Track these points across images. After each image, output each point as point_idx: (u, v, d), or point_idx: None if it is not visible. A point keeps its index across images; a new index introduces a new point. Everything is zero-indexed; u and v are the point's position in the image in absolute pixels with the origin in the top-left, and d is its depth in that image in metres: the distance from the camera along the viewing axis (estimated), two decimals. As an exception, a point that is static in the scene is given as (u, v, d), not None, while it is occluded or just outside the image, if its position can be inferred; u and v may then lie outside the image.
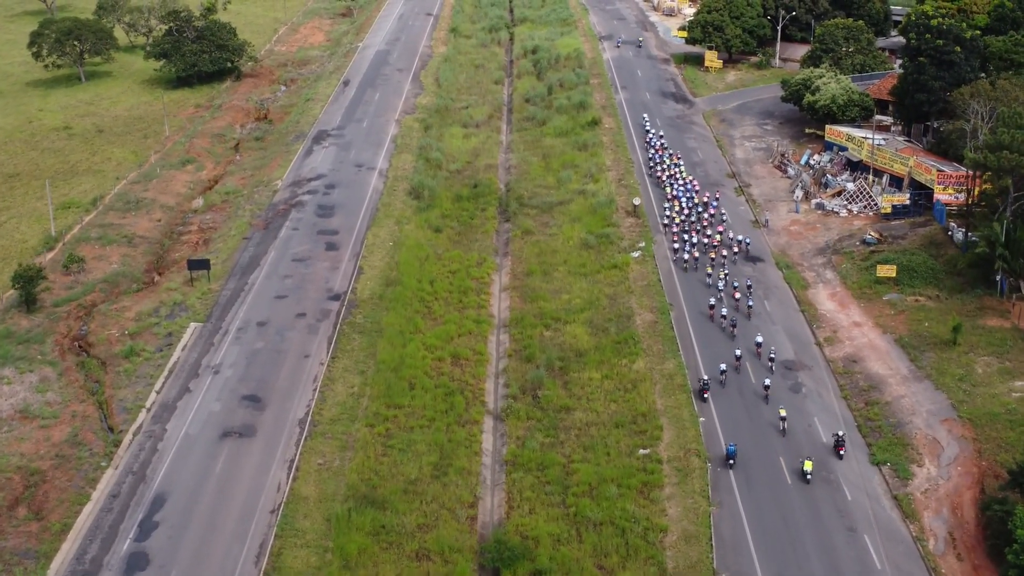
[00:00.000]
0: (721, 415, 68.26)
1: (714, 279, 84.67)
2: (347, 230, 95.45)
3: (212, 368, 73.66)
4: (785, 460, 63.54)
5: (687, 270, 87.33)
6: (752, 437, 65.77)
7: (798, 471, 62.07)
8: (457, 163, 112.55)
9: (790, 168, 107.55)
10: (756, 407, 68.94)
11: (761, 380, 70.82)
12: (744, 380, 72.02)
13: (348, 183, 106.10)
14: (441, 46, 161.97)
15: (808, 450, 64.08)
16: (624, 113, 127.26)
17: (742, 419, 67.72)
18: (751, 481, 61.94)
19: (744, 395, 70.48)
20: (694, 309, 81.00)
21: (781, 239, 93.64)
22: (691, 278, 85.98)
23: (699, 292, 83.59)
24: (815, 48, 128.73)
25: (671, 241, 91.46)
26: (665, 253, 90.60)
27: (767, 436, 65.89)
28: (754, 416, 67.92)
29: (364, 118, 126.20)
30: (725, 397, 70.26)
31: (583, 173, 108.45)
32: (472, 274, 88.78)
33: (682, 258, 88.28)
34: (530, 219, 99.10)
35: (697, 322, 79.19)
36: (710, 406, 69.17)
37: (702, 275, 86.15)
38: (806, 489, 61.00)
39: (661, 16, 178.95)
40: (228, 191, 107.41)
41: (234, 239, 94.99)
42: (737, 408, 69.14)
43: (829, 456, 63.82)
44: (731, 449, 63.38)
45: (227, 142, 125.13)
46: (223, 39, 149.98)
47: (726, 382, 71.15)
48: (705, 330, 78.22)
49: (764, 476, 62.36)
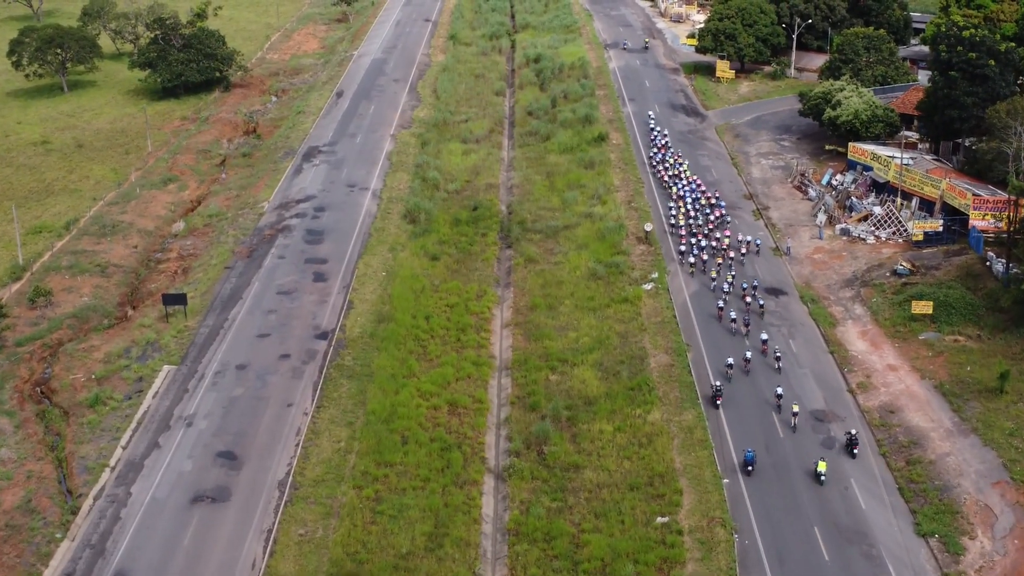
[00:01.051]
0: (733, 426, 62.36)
1: (719, 281, 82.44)
2: (337, 258, 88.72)
3: (185, 419, 66.92)
4: (821, 531, 56.81)
5: (694, 273, 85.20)
6: (780, 492, 59.13)
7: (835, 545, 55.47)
8: (456, 182, 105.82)
9: (811, 189, 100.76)
10: (768, 415, 63.02)
11: (772, 387, 68.54)
12: (755, 386, 69.33)
13: (339, 205, 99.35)
14: (440, 54, 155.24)
15: (847, 519, 57.40)
16: (632, 127, 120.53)
17: (758, 437, 61.49)
18: (784, 558, 55.18)
19: (756, 404, 67.50)
20: (713, 350, 74.20)
21: (804, 269, 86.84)
22: (710, 317, 79.12)
23: (719, 331, 76.75)
24: (834, 58, 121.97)
25: (678, 243, 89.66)
26: (680, 285, 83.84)
27: (794, 482, 59.19)
28: (772, 444, 61.26)
29: (357, 133, 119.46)
30: (736, 407, 67.11)
31: (590, 194, 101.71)
32: (471, 308, 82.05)
33: (688, 261, 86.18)
34: (534, 245, 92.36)
35: (718, 365, 72.36)
36: (721, 418, 65.51)
37: (717, 291, 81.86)
38: (844, 564, 54.27)
39: (668, 22, 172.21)
40: (211, 214, 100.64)
41: (215, 268, 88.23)
42: (751, 421, 65.50)
43: (869, 523, 57.12)
44: (749, 455, 61.25)
45: (212, 158, 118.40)
46: (211, 48, 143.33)
47: (736, 386, 69.32)
48: (728, 377, 71.43)
49: (798, 555, 55.59)
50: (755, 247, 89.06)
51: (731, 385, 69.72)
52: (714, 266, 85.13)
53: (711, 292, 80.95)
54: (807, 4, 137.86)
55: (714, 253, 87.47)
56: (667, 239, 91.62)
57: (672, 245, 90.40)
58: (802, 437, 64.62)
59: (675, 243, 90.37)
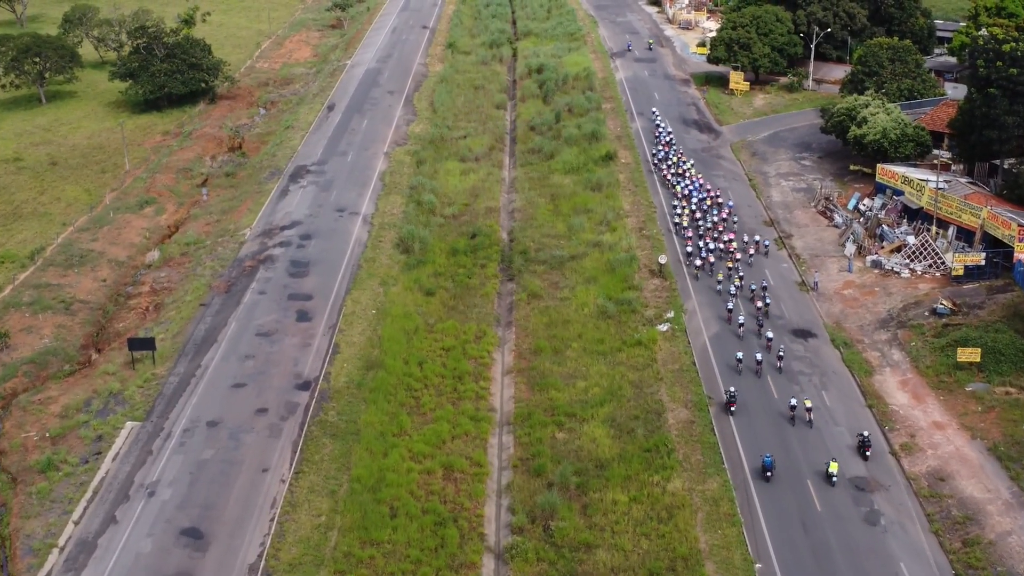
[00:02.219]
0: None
1: (726, 284, 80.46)
2: (323, 294, 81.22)
3: (146, 488, 59.40)
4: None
5: (699, 276, 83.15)
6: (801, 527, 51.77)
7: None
8: (453, 206, 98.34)
9: (837, 215, 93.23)
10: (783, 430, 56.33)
11: (785, 396, 66.44)
12: (767, 393, 67.57)
13: (327, 233, 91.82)
14: (437, 64, 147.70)
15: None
16: (641, 145, 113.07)
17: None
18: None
19: (769, 414, 64.76)
20: (739, 403, 66.63)
21: (834, 307, 79.32)
22: (731, 359, 71.60)
23: (745, 380, 69.21)
24: (856, 71, 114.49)
25: (684, 245, 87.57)
26: (699, 326, 76.34)
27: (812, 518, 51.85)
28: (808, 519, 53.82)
29: (349, 150, 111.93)
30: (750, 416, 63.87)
31: (598, 220, 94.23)
32: (469, 352, 74.56)
33: (695, 264, 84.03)
34: (537, 278, 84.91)
35: (744, 423, 64.88)
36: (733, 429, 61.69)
37: (724, 294, 79.85)
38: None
39: (677, 29, 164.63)
40: (189, 241, 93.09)
41: (190, 305, 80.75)
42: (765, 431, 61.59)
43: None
44: (767, 461, 59.41)
45: (194, 178, 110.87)
46: (196, 57, 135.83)
47: (747, 394, 67.15)
48: (754, 433, 63.86)
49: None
50: (763, 248, 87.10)
51: (743, 394, 67.21)
52: (720, 269, 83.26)
53: (733, 334, 74.89)
54: (826, 12, 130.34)
55: (721, 256, 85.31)
56: (683, 273, 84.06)
57: (687, 274, 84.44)
58: (842, 508, 57.17)
59: (681, 244, 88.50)
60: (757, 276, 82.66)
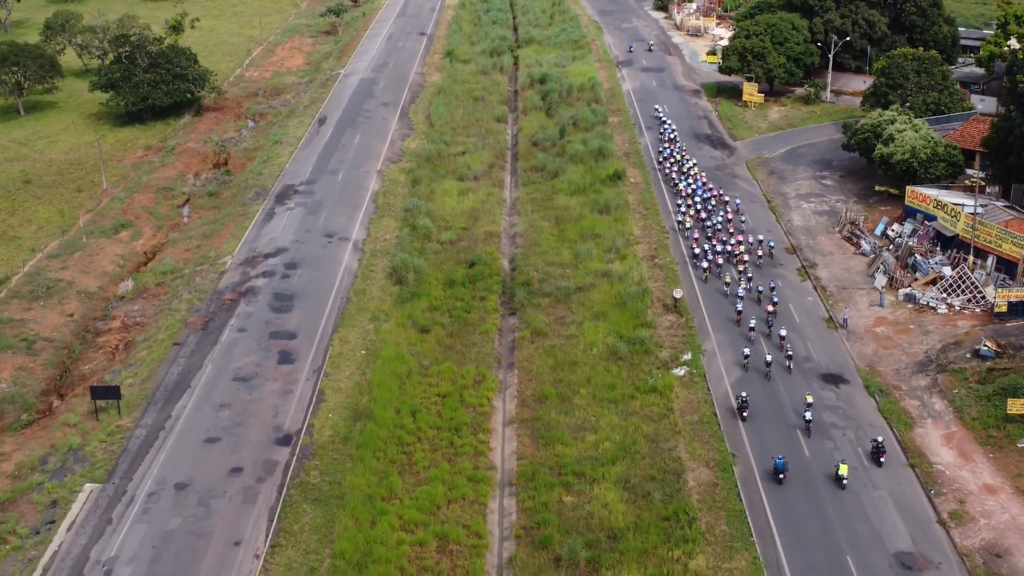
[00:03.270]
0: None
1: (734, 286, 78.31)
2: (308, 332, 74.49)
3: (103, 565, 52.64)
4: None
5: (707, 279, 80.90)
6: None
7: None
8: (451, 230, 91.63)
9: (864, 241, 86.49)
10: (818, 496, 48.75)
11: (796, 397, 64.71)
12: (779, 399, 65.65)
13: (314, 261, 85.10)
14: (435, 73, 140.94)
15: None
16: (651, 162, 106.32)
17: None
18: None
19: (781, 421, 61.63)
20: (766, 461, 59.94)
21: (866, 347, 72.59)
22: (759, 411, 64.94)
23: (773, 435, 62.51)
24: (879, 83, 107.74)
25: (690, 247, 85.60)
26: (720, 371, 69.62)
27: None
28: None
29: (339, 168, 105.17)
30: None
31: (606, 246, 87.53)
32: (467, 399, 67.85)
33: (702, 266, 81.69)
34: (542, 313, 78.23)
35: (771, 487, 58.16)
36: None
37: (732, 297, 77.77)
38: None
39: (685, 36, 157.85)
40: (165, 270, 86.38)
41: (162, 345, 74.03)
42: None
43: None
44: (779, 463, 57.90)
45: (174, 198, 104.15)
46: (181, 67, 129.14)
47: (757, 400, 65.15)
48: (788, 504, 57.15)
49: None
50: (768, 248, 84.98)
51: (755, 400, 65.15)
52: (727, 271, 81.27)
53: (743, 336, 72.68)
54: (844, 20, 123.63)
55: (727, 259, 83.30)
56: (700, 308, 77.29)
57: (693, 276, 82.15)
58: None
59: (687, 245, 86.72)
60: (764, 278, 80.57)
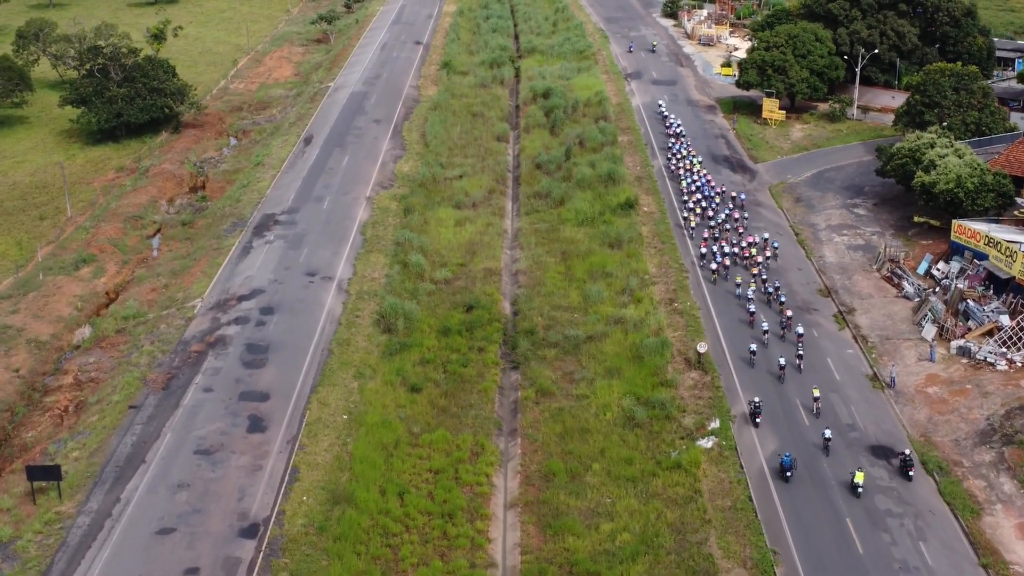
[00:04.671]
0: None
1: (743, 288, 75.57)
2: (283, 392, 65.58)
3: None
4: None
5: (716, 281, 78.21)
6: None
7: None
8: (446, 268, 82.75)
9: (906, 282, 77.59)
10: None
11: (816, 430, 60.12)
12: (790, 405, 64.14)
13: (293, 305, 76.17)
14: (431, 86, 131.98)
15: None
16: (666, 187, 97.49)
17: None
18: None
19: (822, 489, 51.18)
20: (814, 559, 51.08)
21: (919, 411, 63.68)
22: (803, 495, 56.06)
23: (820, 525, 53.61)
24: (914, 101, 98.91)
25: (699, 248, 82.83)
26: (752, 440, 60.74)
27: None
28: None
29: (325, 195, 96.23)
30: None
31: (619, 287, 78.70)
32: (463, 477, 58.92)
33: (711, 268, 79.05)
34: (547, 367, 69.40)
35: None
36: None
37: (741, 299, 75.14)
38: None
39: (697, 46, 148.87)
40: (128, 315, 77.42)
41: (116, 408, 65.08)
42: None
43: None
44: (786, 460, 56.23)
45: (144, 227, 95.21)
46: (158, 80, 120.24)
47: (770, 406, 62.69)
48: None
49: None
50: (773, 248, 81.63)
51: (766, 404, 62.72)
52: (738, 273, 78.54)
53: (757, 340, 69.42)
54: (871, 31, 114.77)
55: (736, 261, 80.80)
56: (727, 364, 68.33)
57: (702, 278, 79.61)
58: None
59: (694, 246, 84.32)
60: (770, 278, 78.37)
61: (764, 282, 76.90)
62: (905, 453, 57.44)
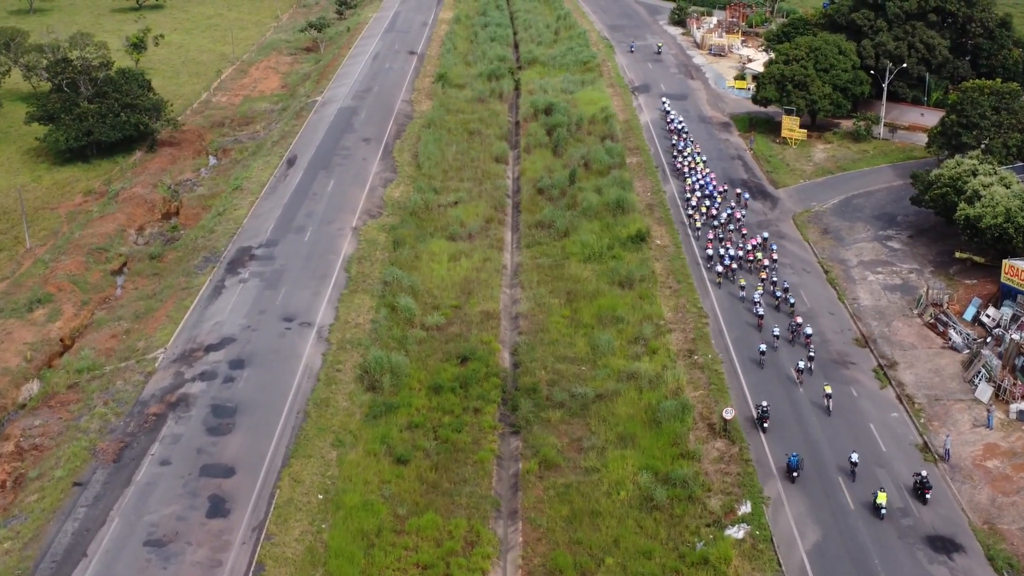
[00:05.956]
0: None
1: (748, 291, 73.80)
2: (250, 466, 57.39)
3: None
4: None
5: (721, 284, 76.18)
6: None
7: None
8: (439, 311, 74.61)
9: (953, 331, 69.41)
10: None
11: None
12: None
13: (267, 357, 67.93)
14: (425, 101, 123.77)
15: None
16: (680, 215, 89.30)
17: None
18: None
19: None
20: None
21: (979, 492, 55.46)
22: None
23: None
24: (950, 121, 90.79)
25: (704, 248, 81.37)
26: (789, 529, 52.53)
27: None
28: None
29: (307, 225, 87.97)
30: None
31: (631, 334, 70.58)
32: (456, 573, 50.77)
33: (717, 269, 77.04)
34: (552, 432, 61.30)
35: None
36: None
37: (747, 302, 73.40)
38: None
39: (708, 57, 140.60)
40: (82, 367, 69.12)
41: (59, 486, 56.84)
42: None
43: None
44: (793, 460, 54.63)
45: (109, 261, 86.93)
46: (132, 96, 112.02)
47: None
48: None
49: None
50: (771, 251, 79.08)
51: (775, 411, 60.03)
52: (742, 276, 76.56)
53: (768, 344, 66.86)
54: (898, 43, 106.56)
55: (741, 264, 78.40)
56: (757, 434, 60.06)
57: (707, 279, 77.65)
58: None
59: (700, 246, 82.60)
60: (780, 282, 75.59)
61: (774, 284, 74.69)
62: (922, 474, 53.91)
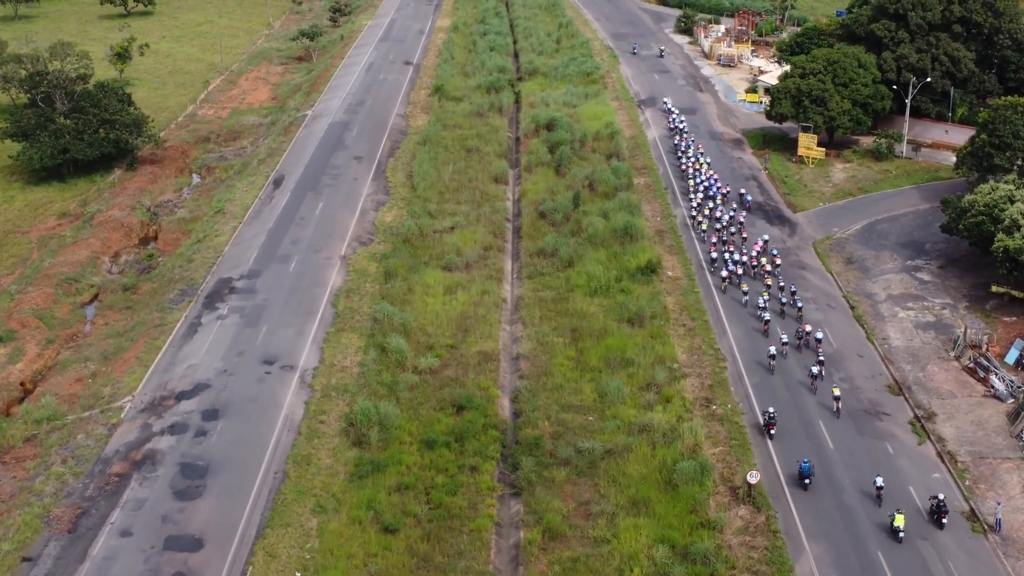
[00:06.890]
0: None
1: (752, 296, 72.29)
2: (221, 536, 51.44)
3: None
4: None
5: (726, 290, 74.30)
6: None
7: None
8: (432, 351, 68.68)
9: (995, 377, 63.43)
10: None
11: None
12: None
13: (243, 406, 61.91)
14: (420, 115, 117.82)
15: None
16: (692, 244, 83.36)
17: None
18: None
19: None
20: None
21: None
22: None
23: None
24: (981, 141, 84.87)
25: (708, 252, 79.00)
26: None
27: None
28: None
29: (293, 254, 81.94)
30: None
31: (642, 380, 64.63)
32: (449, 670, 44.89)
33: (721, 274, 75.39)
34: (557, 495, 55.36)
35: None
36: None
37: (750, 307, 71.74)
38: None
39: (716, 67, 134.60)
40: (41, 416, 63.08)
41: (6, 562, 50.81)
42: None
43: None
44: (805, 467, 52.67)
45: (79, 293, 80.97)
46: (110, 111, 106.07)
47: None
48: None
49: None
50: (771, 256, 77.50)
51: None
52: (746, 282, 74.84)
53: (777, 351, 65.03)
54: (921, 55, 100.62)
55: (745, 270, 76.49)
56: (786, 498, 54.05)
57: (711, 283, 77.02)
58: None
59: (704, 249, 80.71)
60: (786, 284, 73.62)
61: (782, 288, 72.87)
62: (939, 497, 51.35)
